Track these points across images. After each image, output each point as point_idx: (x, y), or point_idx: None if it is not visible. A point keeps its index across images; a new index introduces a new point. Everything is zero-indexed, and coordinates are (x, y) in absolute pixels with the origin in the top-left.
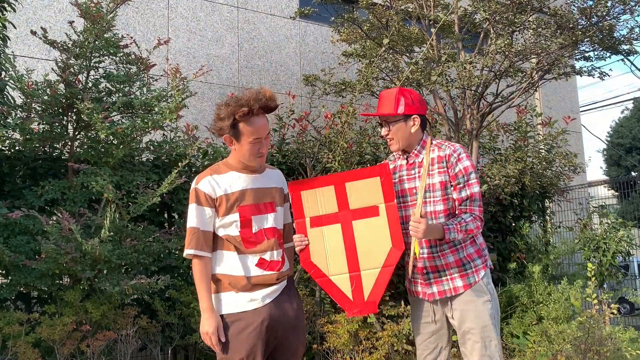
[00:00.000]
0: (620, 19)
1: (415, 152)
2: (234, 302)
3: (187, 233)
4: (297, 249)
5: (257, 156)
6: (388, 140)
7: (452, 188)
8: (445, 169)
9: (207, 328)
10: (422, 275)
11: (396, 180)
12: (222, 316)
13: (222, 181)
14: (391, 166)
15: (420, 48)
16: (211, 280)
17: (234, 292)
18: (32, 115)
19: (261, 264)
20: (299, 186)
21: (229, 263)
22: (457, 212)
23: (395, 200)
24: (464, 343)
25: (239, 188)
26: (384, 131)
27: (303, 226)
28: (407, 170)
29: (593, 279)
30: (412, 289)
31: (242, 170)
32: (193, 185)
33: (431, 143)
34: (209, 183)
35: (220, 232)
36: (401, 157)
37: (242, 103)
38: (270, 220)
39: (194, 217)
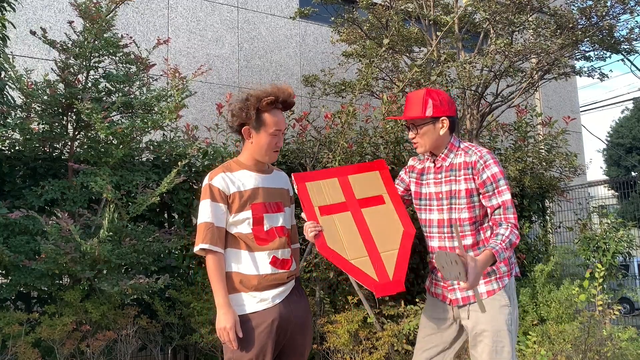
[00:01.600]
0: (620, 19)
1: (443, 155)
2: (244, 304)
3: (200, 228)
4: (310, 234)
5: (274, 150)
6: (414, 143)
7: (479, 196)
8: (471, 175)
9: (225, 323)
10: (447, 282)
11: (424, 182)
12: None
13: (235, 178)
14: (419, 167)
15: (420, 48)
16: None
17: (243, 292)
18: (32, 115)
19: (274, 262)
20: (304, 178)
21: (240, 261)
22: (490, 222)
23: (396, 189)
24: (475, 346)
25: (252, 186)
26: (411, 134)
27: (313, 214)
28: (435, 174)
29: (600, 280)
30: (433, 290)
31: (253, 169)
32: (206, 181)
33: (458, 147)
34: (222, 179)
35: (232, 230)
36: (429, 159)
37: (267, 93)
38: (280, 219)
39: (208, 212)
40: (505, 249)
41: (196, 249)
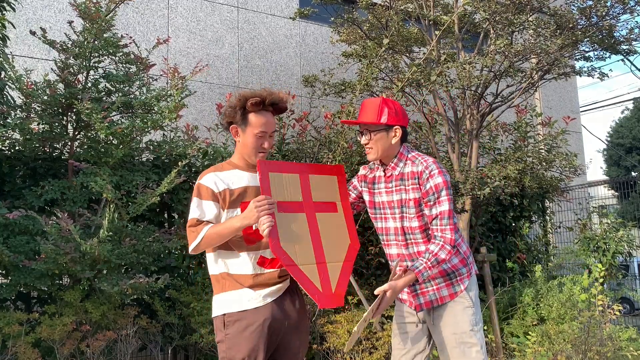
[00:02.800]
0: (619, 19)
1: (392, 164)
2: (235, 301)
3: (187, 229)
4: (265, 230)
5: (259, 151)
6: (367, 149)
7: (424, 205)
8: (418, 185)
9: (248, 212)
10: (409, 287)
11: (376, 191)
12: (223, 315)
13: (225, 177)
14: (370, 175)
15: (420, 48)
16: (213, 279)
17: (233, 290)
18: (32, 115)
19: (262, 262)
20: (268, 167)
21: (230, 261)
22: (430, 232)
23: (349, 199)
24: (442, 350)
25: (242, 185)
26: (364, 140)
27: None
28: (386, 183)
29: (601, 280)
30: (399, 295)
31: (245, 168)
32: (197, 181)
33: (407, 156)
34: (211, 178)
35: None
36: (379, 168)
37: (255, 94)
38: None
39: (194, 209)
40: (430, 267)
41: (190, 249)
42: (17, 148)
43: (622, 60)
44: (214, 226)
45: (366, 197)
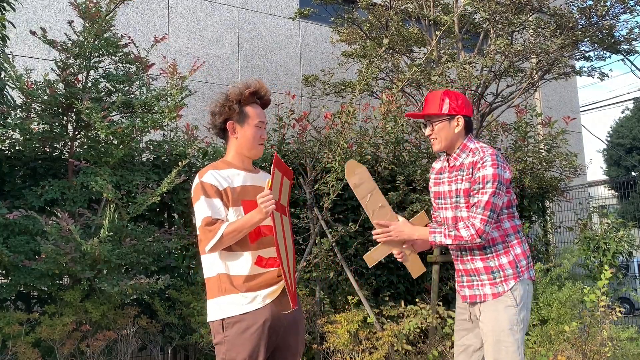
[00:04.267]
0: (619, 19)
1: (455, 155)
2: (235, 304)
3: (200, 231)
4: (268, 209)
5: (259, 143)
6: (431, 140)
7: (472, 194)
8: (471, 174)
9: (260, 209)
10: (459, 277)
11: (440, 181)
12: (222, 320)
13: (225, 175)
14: (438, 166)
15: (419, 48)
16: (209, 282)
17: (234, 293)
18: (32, 115)
19: (259, 261)
20: (279, 164)
21: (229, 263)
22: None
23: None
24: (484, 347)
25: (240, 183)
26: (428, 131)
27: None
28: (448, 173)
29: (607, 281)
30: (457, 289)
31: (241, 167)
32: (196, 180)
33: (470, 148)
34: (212, 176)
35: None
36: (446, 158)
37: (247, 85)
38: (268, 218)
39: (205, 208)
40: (445, 235)
41: (207, 248)
42: (17, 148)
43: (622, 60)
44: (231, 223)
45: (433, 189)
